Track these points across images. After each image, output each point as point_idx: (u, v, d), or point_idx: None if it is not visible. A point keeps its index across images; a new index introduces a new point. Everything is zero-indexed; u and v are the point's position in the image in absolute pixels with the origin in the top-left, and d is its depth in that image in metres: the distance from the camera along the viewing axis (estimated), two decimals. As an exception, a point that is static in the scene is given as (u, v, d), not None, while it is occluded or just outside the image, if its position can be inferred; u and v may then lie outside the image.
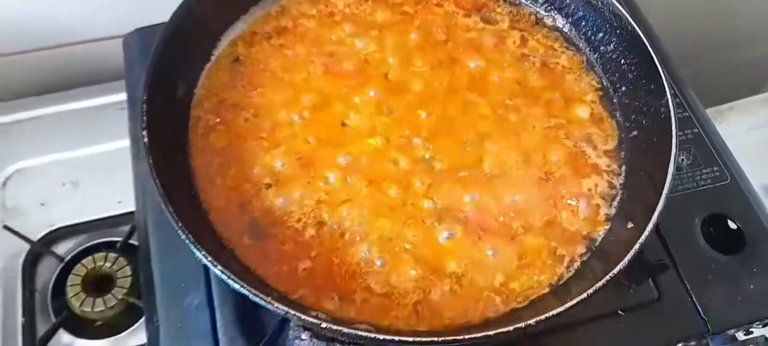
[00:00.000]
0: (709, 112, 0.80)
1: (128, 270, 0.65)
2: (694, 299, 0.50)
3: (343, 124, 0.50)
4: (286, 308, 0.37)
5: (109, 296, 0.63)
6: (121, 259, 0.65)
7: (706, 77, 1.01)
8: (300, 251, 0.44)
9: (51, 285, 0.65)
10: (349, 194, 0.47)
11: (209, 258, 0.38)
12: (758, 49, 1.09)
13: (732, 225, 0.54)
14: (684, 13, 1.02)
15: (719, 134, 0.60)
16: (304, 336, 0.39)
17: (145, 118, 0.43)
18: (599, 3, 0.53)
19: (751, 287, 0.51)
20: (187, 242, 0.39)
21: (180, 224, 0.39)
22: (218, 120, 0.49)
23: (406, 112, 0.51)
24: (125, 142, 0.59)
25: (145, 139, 0.43)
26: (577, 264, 0.45)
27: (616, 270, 0.39)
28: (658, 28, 0.71)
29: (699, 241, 0.53)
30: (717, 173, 0.57)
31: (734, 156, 0.60)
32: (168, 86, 0.47)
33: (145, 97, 0.44)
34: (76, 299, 0.63)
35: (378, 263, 0.44)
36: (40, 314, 0.64)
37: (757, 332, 0.55)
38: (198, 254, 0.39)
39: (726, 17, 1.05)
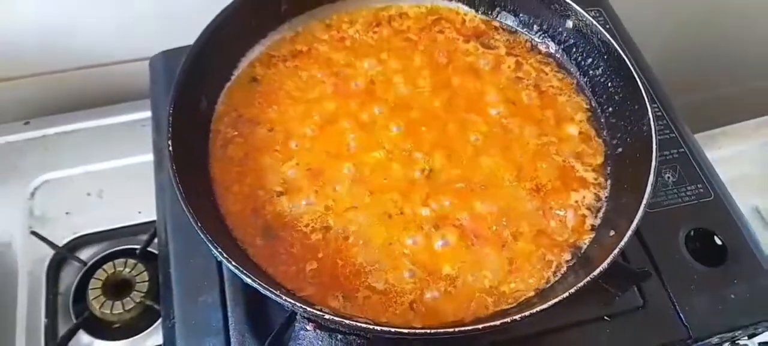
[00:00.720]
0: (702, 135, 0.84)
1: (146, 275, 0.68)
2: (677, 307, 0.53)
3: (350, 139, 0.54)
4: (293, 301, 0.41)
5: (128, 299, 0.67)
6: (139, 265, 0.69)
7: (702, 104, 1.05)
8: (307, 252, 0.48)
9: (73, 288, 0.69)
10: (354, 201, 0.51)
11: (225, 255, 0.42)
12: (755, 80, 1.13)
13: (715, 239, 0.57)
14: (682, 46, 1.07)
15: (704, 154, 0.63)
16: (309, 327, 0.42)
17: (170, 129, 0.47)
18: (589, 31, 0.58)
19: (732, 296, 0.54)
20: (205, 240, 0.43)
21: (199, 225, 0.43)
22: (236, 133, 0.54)
23: (408, 128, 0.55)
24: (146, 157, 0.63)
25: (170, 148, 0.47)
26: (563, 269, 0.48)
27: (596, 272, 0.42)
28: (657, 60, 0.75)
29: (683, 253, 0.56)
30: (701, 190, 0.60)
31: (721, 176, 0.63)
32: (192, 102, 0.52)
33: (171, 111, 0.48)
34: (97, 301, 0.67)
35: (379, 265, 0.48)
36: (62, 316, 0.67)
37: (742, 342, 0.58)
38: (214, 251, 0.43)
39: (722, 50, 1.09)
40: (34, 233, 0.70)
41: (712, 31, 1.06)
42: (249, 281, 0.41)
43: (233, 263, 0.42)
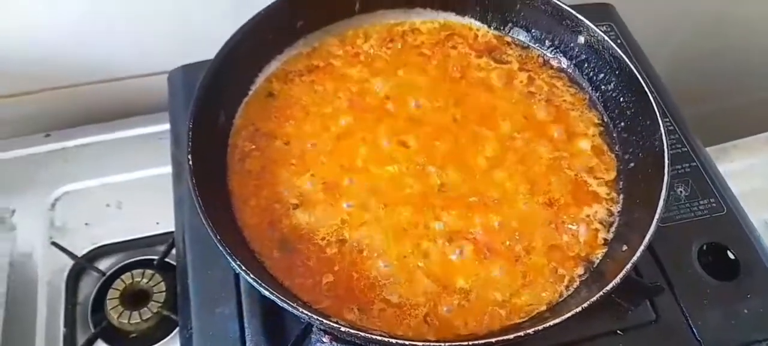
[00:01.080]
0: (714, 149, 0.84)
1: (163, 286, 0.69)
2: (690, 322, 0.53)
3: (364, 153, 0.55)
4: (309, 313, 0.42)
5: (145, 309, 0.68)
6: (157, 275, 0.70)
7: (714, 116, 1.05)
8: (323, 265, 0.49)
9: (92, 298, 0.70)
10: (369, 215, 0.51)
11: (243, 268, 0.43)
12: (765, 91, 1.13)
13: (728, 254, 0.58)
14: (692, 56, 1.07)
15: (717, 168, 0.64)
16: (325, 339, 0.43)
17: (190, 144, 0.49)
18: (600, 47, 0.58)
19: (745, 311, 0.54)
20: (224, 253, 0.44)
21: (218, 238, 0.44)
22: (254, 147, 0.55)
23: (421, 142, 0.56)
24: (164, 169, 0.64)
25: (190, 162, 0.48)
26: (576, 284, 0.49)
27: (609, 287, 0.43)
28: (667, 70, 0.75)
29: (695, 267, 0.56)
30: (714, 205, 0.60)
31: (733, 190, 0.63)
32: (210, 117, 0.53)
33: (190, 126, 0.50)
34: (115, 311, 0.68)
35: (393, 278, 0.49)
36: (81, 325, 0.68)
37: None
38: (233, 263, 0.44)
39: (732, 61, 1.09)
40: (54, 244, 0.71)
41: (721, 42, 1.06)
42: (267, 293, 0.42)
43: (251, 275, 0.43)
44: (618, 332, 0.53)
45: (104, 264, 0.72)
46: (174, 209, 0.60)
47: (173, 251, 0.67)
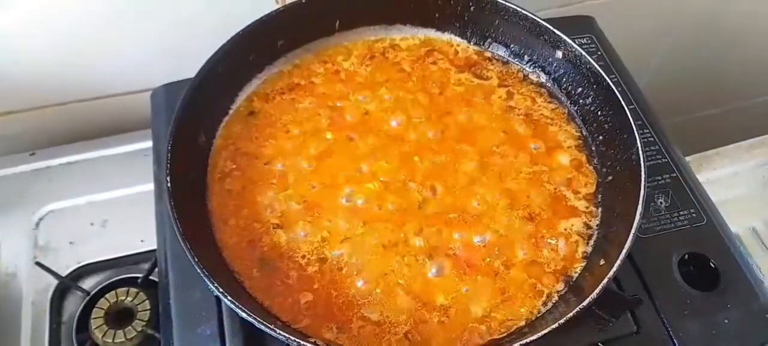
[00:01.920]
0: (697, 156, 0.85)
1: (148, 304, 0.69)
2: (671, 333, 0.53)
3: (345, 171, 0.55)
4: (287, 335, 0.42)
5: (130, 328, 0.68)
6: (141, 293, 0.70)
7: (696, 124, 1.06)
8: (303, 284, 0.49)
9: (76, 318, 0.69)
10: (349, 232, 0.52)
11: (221, 290, 0.43)
12: (750, 98, 1.14)
13: (708, 264, 0.58)
14: (676, 66, 1.08)
15: (697, 178, 0.64)
16: (304, 360, 0.43)
17: (169, 165, 0.49)
18: (578, 61, 0.59)
19: (726, 321, 0.54)
20: (202, 276, 0.44)
21: (196, 260, 0.44)
22: (234, 166, 0.55)
23: (402, 159, 0.56)
24: (148, 186, 0.64)
25: (168, 183, 0.48)
26: (555, 298, 0.49)
27: (585, 302, 0.43)
28: (650, 81, 0.76)
29: (676, 278, 0.56)
30: (694, 215, 0.61)
31: (716, 198, 0.64)
32: (190, 137, 0.53)
33: (169, 146, 0.50)
34: (99, 330, 0.67)
35: (373, 295, 0.49)
36: (65, 345, 0.68)
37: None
38: (211, 286, 0.44)
39: (715, 70, 1.10)
40: (37, 264, 0.71)
41: (704, 52, 1.07)
42: (244, 315, 0.42)
43: (229, 298, 0.43)
44: (600, 344, 0.53)
45: (88, 283, 0.72)
46: (156, 227, 0.60)
47: (157, 268, 0.67)
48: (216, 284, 0.43)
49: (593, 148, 0.58)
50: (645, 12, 0.98)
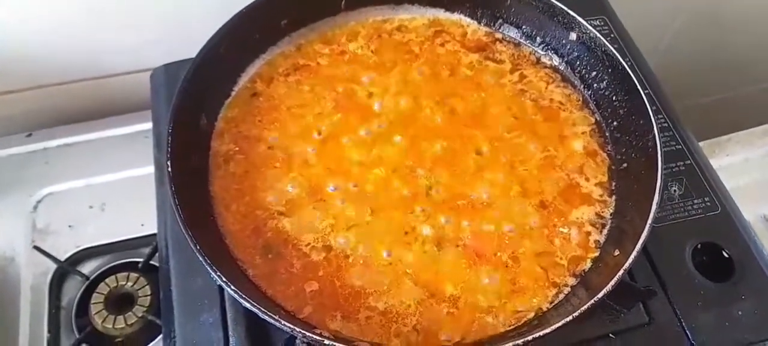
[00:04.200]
0: (709, 142, 0.83)
1: (148, 289, 0.68)
2: (684, 324, 0.52)
3: (351, 155, 0.54)
4: (291, 326, 0.41)
5: (130, 313, 0.67)
6: (141, 279, 0.69)
7: (709, 108, 1.04)
8: (308, 272, 0.48)
9: (75, 303, 0.69)
10: (355, 220, 0.50)
11: (224, 279, 0.42)
12: (761, 82, 1.12)
13: (722, 253, 0.56)
14: (690, 47, 1.06)
15: (711, 166, 0.62)
16: (309, 350, 0.42)
17: (169, 149, 0.47)
18: (592, 44, 0.57)
19: (739, 313, 0.53)
20: (205, 265, 0.43)
21: (199, 249, 0.43)
22: (237, 149, 0.53)
23: (409, 143, 0.55)
24: (149, 169, 0.63)
25: (169, 169, 0.47)
26: (567, 289, 0.48)
27: (599, 296, 0.41)
28: (662, 63, 0.74)
29: (689, 268, 0.55)
30: (708, 203, 0.59)
31: (729, 184, 0.62)
32: (191, 119, 0.52)
33: (170, 129, 0.48)
34: (99, 316, 0.67)
35: (380, 284, 0.47)
36: (65, 330, 0.67)
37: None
38: (214, 275, 0.42)
39: (729, 53, 1.07)
40: (36, 248, 0.70)
41: (717, 34, 1.05)
42: (248, 305, 0.41)
43: (232, 287, 0.41)
44: (611, 335, 0.51)
45: (88, 267, 0.71)
46: (157, 213, 0.59)
47: (158, 254, 0.66)
48: (219, 274, 0.42)
49: (607, 134, 0.56)
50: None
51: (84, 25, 0.74)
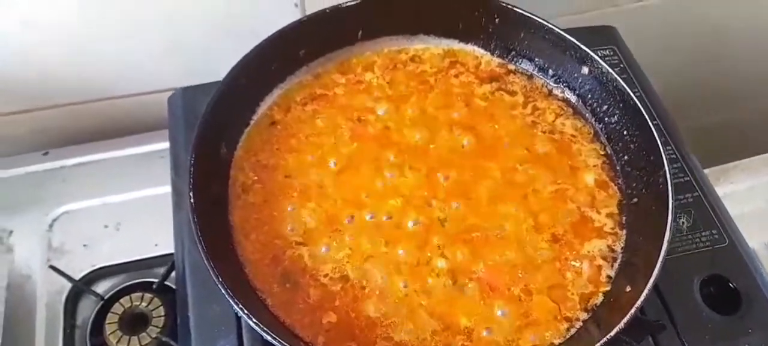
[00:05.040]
0: (714, 170, 0.84)
1: (162, 310, 0.69)
2: (693, 358, 0.53)
3: (367, 185, 0.55)
4: (312, 358, 0.42)
5: (144, 334, 0.67)
6: (156, 299, 0.69)
7: (714, 134, 1.05)
8: (325, 302, 0.49)
9: (90, 322, 0.69)
10: (371, 251, 0.51)
11: (245, 311, 0.43)
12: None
13: (729, 285, 0.57)
14: (695, 75, 1.07)
15: (718, 197, 0.63)
16: (328, 382, 0.43)
17: (192, 180, 0.48)
18: (604, 78, 0.58)
19: (747, 346, 0.54)
20: (227, 297, 0.44)
21: (220, 280, 0.44)
22: (256, 179, 0.54)
23: (424, 174, 0.56)
24: (164, 189, 0.64)
25: (191, 199, 0.48)
26: (579, 323, 0.49)
27: (612, 333, 0.42)
28: (668, 89, 0.75)
29: (697, 301, 0.56)
30: (716, 236, 0.60)
31: (734, 212, 0.63)
32: (212, 149, 0.53)
33: (192, 160, 0.49)
34: (114, 336, 0.67)
35: (396, 316, 0.48)
36: (80, 349, 0.68)
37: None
38: (235, 307, 0.43)
39: (734, 78, 1.09)
40: (51, 267, 0.70)
41: (723, 60, 1.06)
42: (269, 338, 0.42)
43: (254, 319, 0.42)
44: (619, 367, 0.52)
45: (102, 287, 0.71)
46: (174, 237, 0.60)
47: (173, 274, 0.67)
48: (241, 306, 0.43)
49: (618, 168, 0.57)
50: (661, 19, 0.97)
51: (99, 46, 0.75)
